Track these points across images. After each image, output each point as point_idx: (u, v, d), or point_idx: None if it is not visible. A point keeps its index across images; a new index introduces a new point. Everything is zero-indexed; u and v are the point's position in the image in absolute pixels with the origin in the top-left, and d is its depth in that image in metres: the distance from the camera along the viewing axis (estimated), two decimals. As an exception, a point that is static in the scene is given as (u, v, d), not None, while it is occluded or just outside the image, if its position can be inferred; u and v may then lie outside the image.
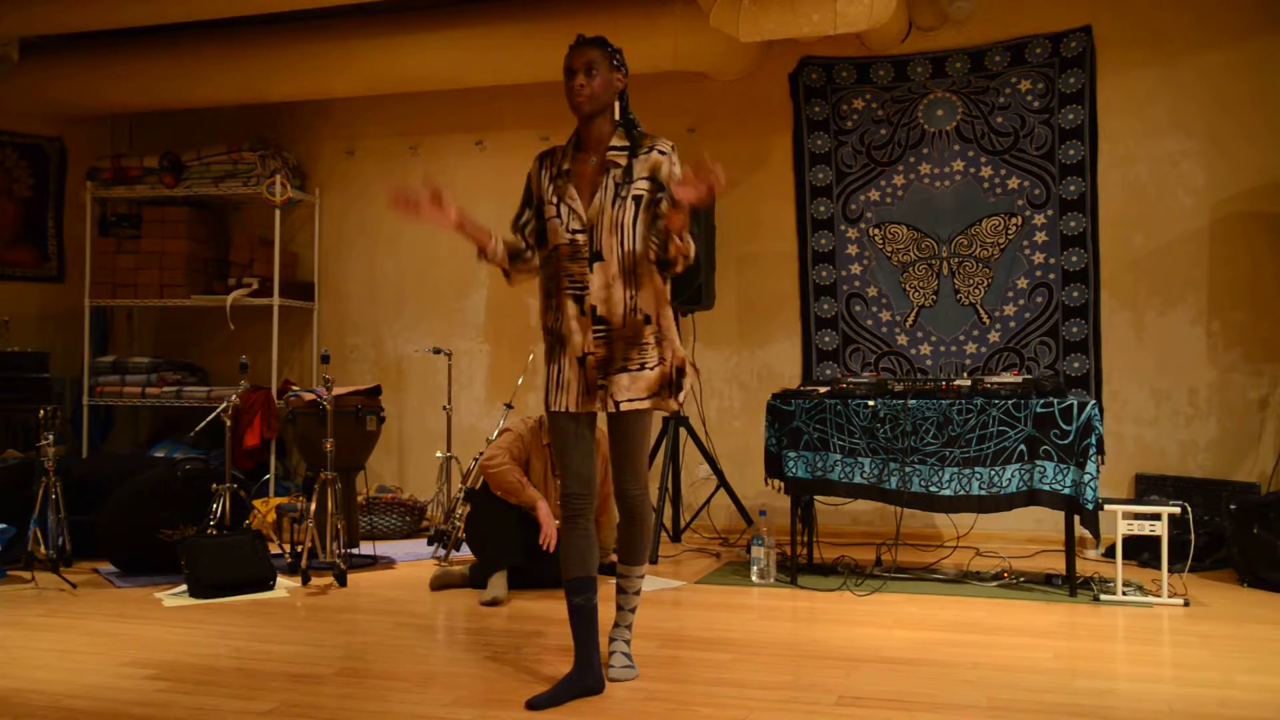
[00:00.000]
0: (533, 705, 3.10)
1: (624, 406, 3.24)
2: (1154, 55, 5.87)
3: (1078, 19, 5.95)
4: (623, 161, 3.28)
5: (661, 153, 3.28)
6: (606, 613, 3.36)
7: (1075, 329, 5.98)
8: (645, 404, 3.27)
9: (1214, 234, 5.79)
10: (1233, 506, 5.05)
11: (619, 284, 3.24)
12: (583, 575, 3.32)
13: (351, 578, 5.12)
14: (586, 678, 3.24)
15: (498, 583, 4.61)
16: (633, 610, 3.51)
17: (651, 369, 3.27)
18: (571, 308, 3.27)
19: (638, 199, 3.25)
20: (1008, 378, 4.89)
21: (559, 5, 6.26)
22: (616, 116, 3.35)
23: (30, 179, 7.42)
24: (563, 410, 3.30)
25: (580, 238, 3.26)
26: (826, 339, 6.43)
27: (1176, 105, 5.84)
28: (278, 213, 7.00)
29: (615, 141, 3.31)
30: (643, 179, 3.26)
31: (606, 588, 3.62)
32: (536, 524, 4.74)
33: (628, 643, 3.48)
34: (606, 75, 3.28)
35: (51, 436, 5.09)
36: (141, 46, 6.91)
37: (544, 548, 4.66)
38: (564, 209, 3.28)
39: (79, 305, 7.29)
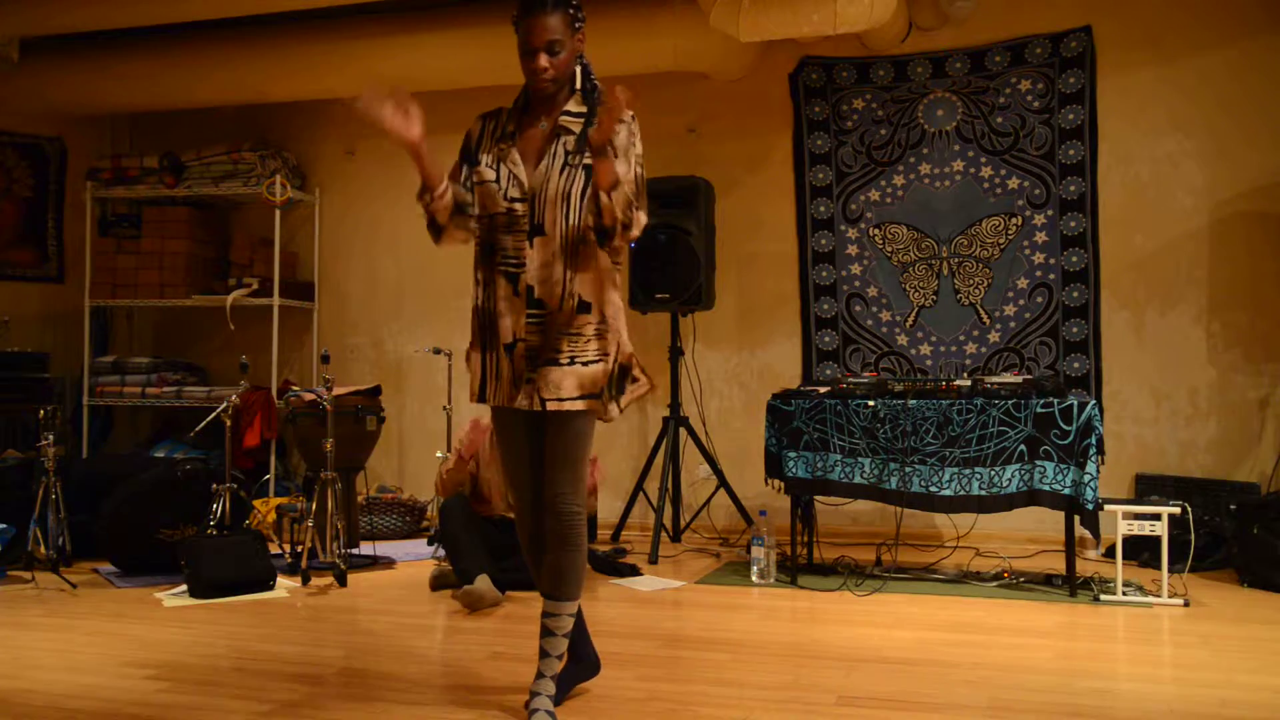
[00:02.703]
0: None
1: (550, 406, 2.87)
2: (1153, 56, 5.87)
3: (1077, 19, 5.95)
4: (576, 128, 2.93)
5: (621, 120, 2.84)
6: (593, 610, 3.35)
7: (1075, 329, 5.98)
8: (577, 405, 2.88)
9: (1214, 234, 5.79)
10: (1233, 506, 5.05)
11: (559, 262, 2.88)
12: None
13: (351, 578, 5.12)
14: (581, 670, 3.23)
15: (482, 583, 4.57)
16: (560, 657, 3.00)
17: (585, 365, 2.89)
18: (504, 286, 2.93)
19: (588, 169, 2.87)
20: (1008, 378, 4.89)
21: (559, 5, 6.26)
22: (577, 83, 3.00)
23: (30, 179, 7.42)
24: (500, 404, 2.98)
25: (520, 207, 2.91)
26: (827, 339, 6.43)
27: (1176, 106, 5.85)
28: (278, 213, 7.00)
29: (571, 106, 2.97)
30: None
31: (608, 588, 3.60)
32: (499, 528, 4.82)
33: (552, 699, 2.96)
34: (570, 50, 2.90)
35: (51, 437, 5.09)
36: (141, 47, 6.91)
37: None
38: (503, 172, 2.95)
39: (79, 305, 7.29)
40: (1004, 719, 3.02)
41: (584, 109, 2.96)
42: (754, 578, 4.97)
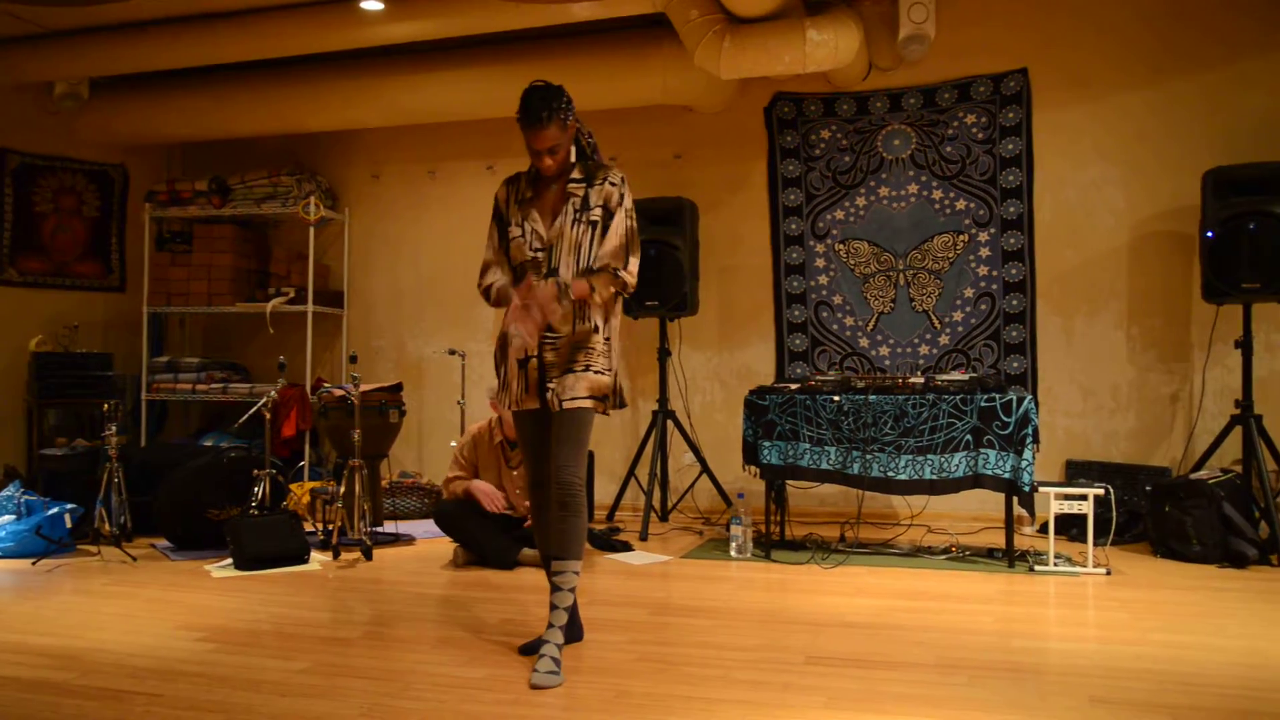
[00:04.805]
0: (524, 650, 3.26)
1: (567, 405, 3.15)
2: (1081, 94, 5.90)
3: (1016, 62, 5.97)
4: (580, 192, 3.24)
5: (613, 184, 3.24)
6: (590, 581, 3.35)
7: (1015, 333, 6.00)
8: (587, 402, 3.17)
9: (1132, 250, 5.82)
10: (1148, 488, 5.09)
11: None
12: None
13: (376, 553, 5.12)
14: (571, 631, 3.29)
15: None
16: (567, 609, 3.16)
17: (597, 373, 3.19)
18: None
19: (593, 224, 3.21)
20: (956, 376, 4.91)
21: (561, 46, 6.28)
22: (573, 158, 3.30)
23: (97, 201, 7.40)
24: (508, 408, 3.28)
25: (540, 255, 3.22)
26: (797, 341, 6.44)
27: (1101, 138, 5.87)
28: (312, 230, 6.99)
29: (575, 175, 3.26)
30: (598, 207, 3.22)
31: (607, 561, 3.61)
32: (490, 517, 4.84)
33: (558, 647, 3.08)
34: (567, 140, 3.21)
35: (114, 427, 5.10)
36: (193, 84, 6.91)
37: (498, 511, 4.82)
38: (527, 228, 3.25)
39: (138, 312, 7.28)
40: (951, 675, 3.04)
41: (583, 177, 3.27)
42: (733, 553, 4.98)
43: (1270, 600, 3.99)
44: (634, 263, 3.21)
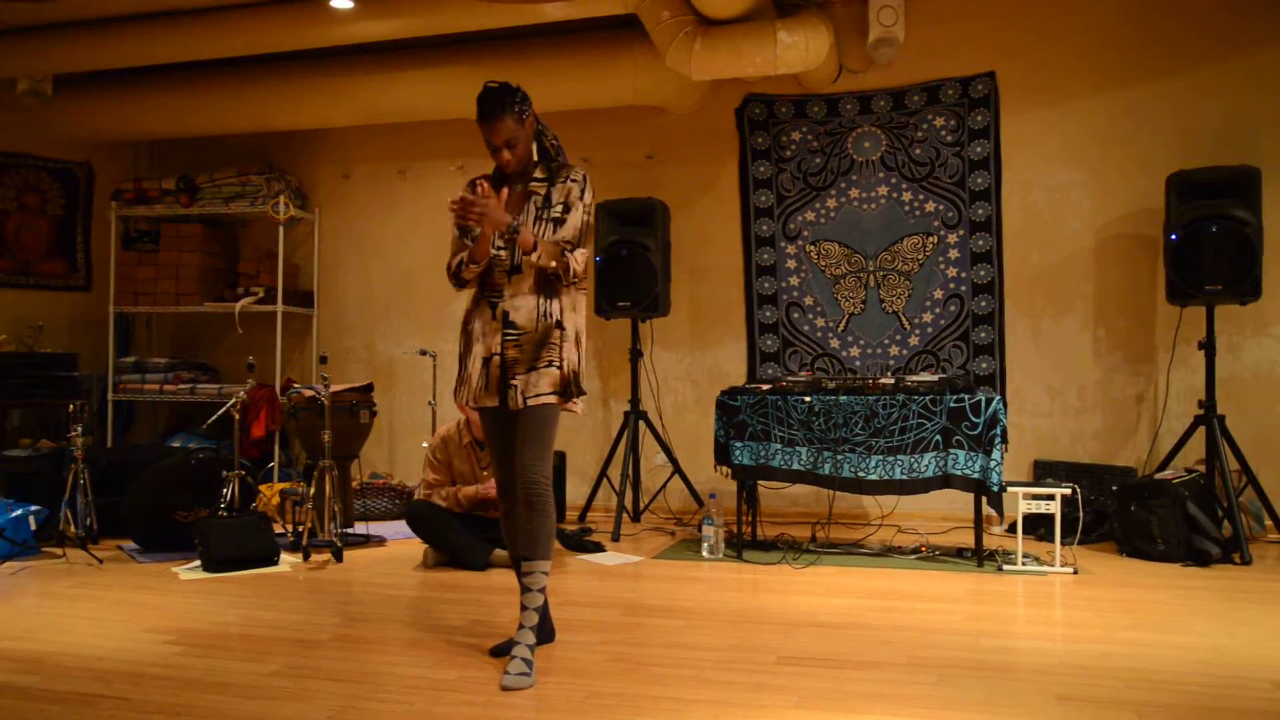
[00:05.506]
0: (495, 652, 3.26)
1: (531, 402, 3.13)
2: (1048, 98, 5.96)
3: (984, 65, 6.02)
4: (543, 190, 3.26)
5: (574, 180, 3.25)
6: (562, 582, 3.35)
7: (983, 334, 6.05)
8: (550, 399, 3.15)
9: (1098, 252, 5.89)
10: (1114, 488, 5.15)
11: (533, 294, 3.18)
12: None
13: (347, 554, 5.09)
14: (542, 632, 3.27)
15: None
16: (537, 609, 3.16)
17: (557, 368, 3.17)
18: (485, 311, 3.23)
19: (555, 220, 3.22)
20: (925, 376, 4.94)
21: (532, 46, 6.26)
22: (535, 157, 3.30)
23: (61, 199, 7.30)
24: (474, 405, 3.24)
25: (503, 253, 3.20)
26: (768, 342, 6.46)
27: (1067, 141, 5.93)
28: (281, 229, 6.93)
29: (537, 174, 3.28)
30: (559, 204, 3.23)
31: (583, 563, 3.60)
32: (461, 518, 4.84)
33: (531, 649, 3.08)
34: (524, 136, 3.20)
35: (80, 428, 5.03)
36: (161, 81, 6.83)
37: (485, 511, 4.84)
38: None
39: (104, 311, 7.19)
40: (920, 674, 3.06)
41: (546, 176, 3.28)
42: (704, 553, 4.98)
43: (1233, 598, 4.06)
44: (582, 254, 3.19)
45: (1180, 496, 4.72)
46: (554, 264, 3.13)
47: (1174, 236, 5.04)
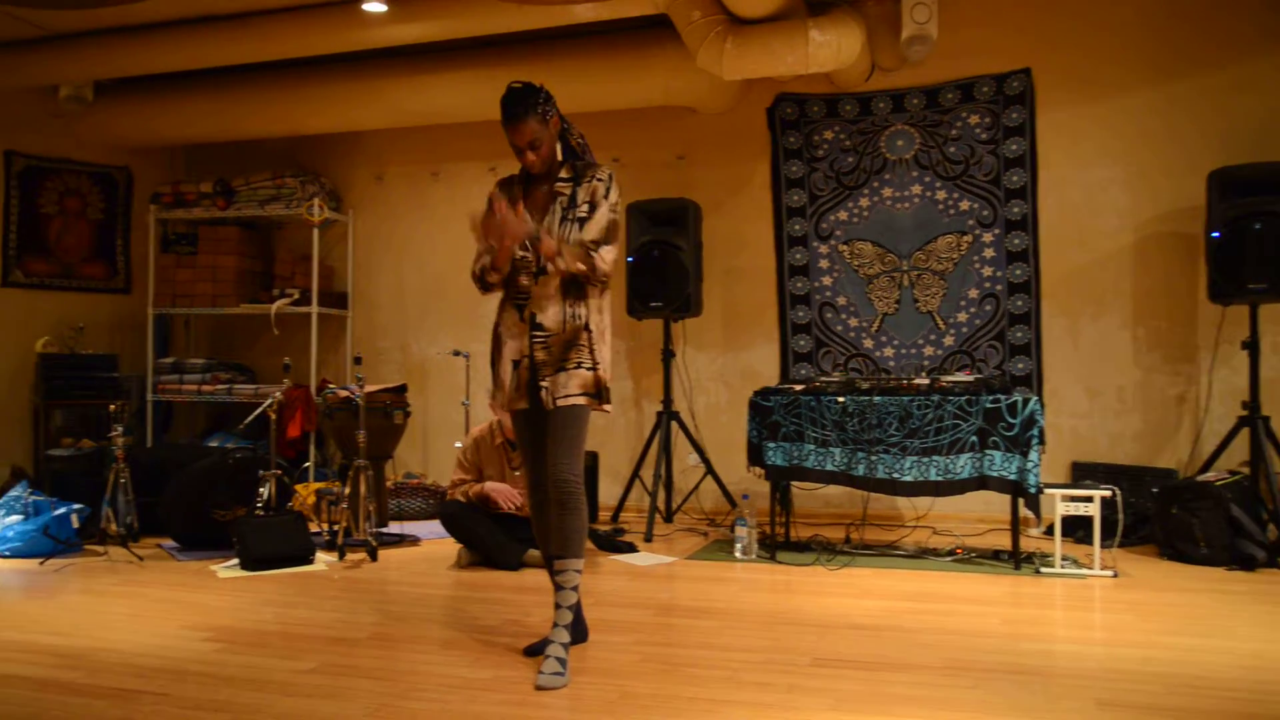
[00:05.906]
0: (529, 652, 3.26)
1: (560, 403, 3.14)
2: (1084, 95, 5.88)
3: (1019, 62, 5.96)
4: (568, 191, 3.24)
5: (600, 180, 3.22)
6: (595, 582, 3.35)
7: (1019, 334, 5.99)
8: (580, 400, 3.15)
9: (1137, 251, 5.81)
10: (1155, 490, 5.08)
11: (560, 295, 3.17)
12: None
13: (381, 554, 5.12)
14: (576, 632, 3.26)
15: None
16: (570, 608, 3.16)
17: (587, 369, 3.17)
18: (512, 314, 3.24)
19: (580, 220, 3.19)
20: (961, 377, 4.91)
21: (563, 47, 6.28)
22: (560, 156, 3.29)
23: (102, 203, 7.42)
24: (502, 408, 3.26)
25: (530, 254, 3.17)
26: (801, 343, 6.43)
27: (1104, 138, 5.86)
28: (316, 231, 6.99)
29: (563, 174, 3.26)
30: (585, 203, 3.21)
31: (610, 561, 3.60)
32: (494, 518, 4.85)
33: (564, 647, 3.08)
34: (549, 136, 3.19)
35: (120, 428, 5.11)
36: (197, 86, 6.92)
37: (513, 510, 4.83)
38: None
39: (143, 313, 7.30)
40: (958, 677, 3.03)
41: (571, 176, 3.26)
42: (737, 554, 4.97)
43: (1278, 603, 3.98)
44: (609, 252, 3.15)
45: (1223, 499, 4.64)
46: (580, 266, 3.12)
47: (1216, 234, 4.96)
